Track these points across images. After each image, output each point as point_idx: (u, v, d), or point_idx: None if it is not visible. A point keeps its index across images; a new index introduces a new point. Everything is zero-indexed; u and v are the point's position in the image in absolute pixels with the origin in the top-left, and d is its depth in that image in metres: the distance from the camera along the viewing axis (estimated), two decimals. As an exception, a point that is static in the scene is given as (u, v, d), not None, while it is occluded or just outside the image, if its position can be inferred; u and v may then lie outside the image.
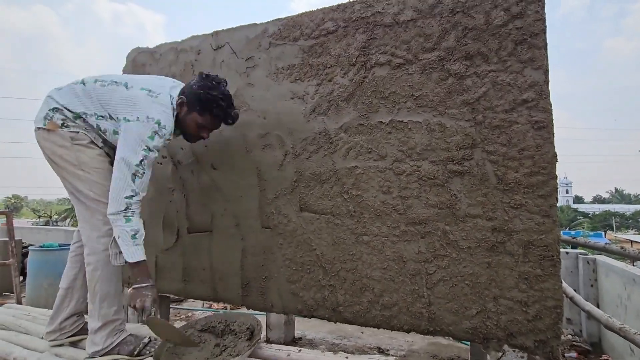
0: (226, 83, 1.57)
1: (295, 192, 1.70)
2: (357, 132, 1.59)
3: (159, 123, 1.41)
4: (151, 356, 1.47)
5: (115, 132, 1.46)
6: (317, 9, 1.74)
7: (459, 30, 1.44)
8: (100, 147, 1.52)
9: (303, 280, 1.66)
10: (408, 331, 1.48)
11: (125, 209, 1.35)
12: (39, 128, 1.47)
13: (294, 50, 1.75)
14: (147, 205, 2.08)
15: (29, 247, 5.80)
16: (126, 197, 1.35)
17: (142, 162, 1.37)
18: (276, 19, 1.81)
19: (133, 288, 1.37)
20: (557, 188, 1.28)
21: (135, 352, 1.48)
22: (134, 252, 1.35)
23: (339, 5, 1.69)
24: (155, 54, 2.16)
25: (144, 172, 1.38)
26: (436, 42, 1.48)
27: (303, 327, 4.21)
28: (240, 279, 1.80)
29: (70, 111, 1.46)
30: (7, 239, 3.49)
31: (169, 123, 1.45)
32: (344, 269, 1.59)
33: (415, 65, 1.51)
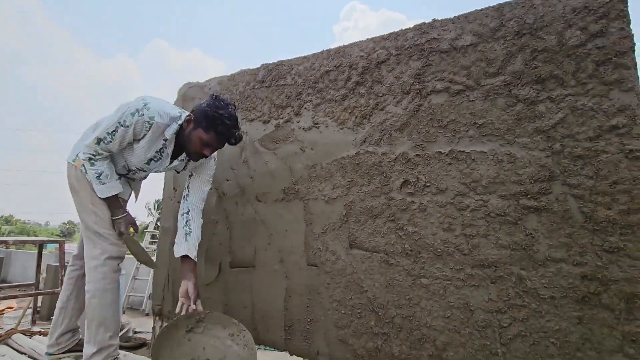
0: (235, 107, 1.62)
1: (345, 228, 1.58)
2: (413, 163, 1.47)
3: (146, 103, 1.49)
4: None
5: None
6: (367, 39, 1.70)
7: (527, 53, 1.32)
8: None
9: (353, 326, 1.50)
10: (479, 395, 1.26)
11: (89, 158, 1.50)
12: (71, 164, 1.64)
13: (343, 80, 1.70)
14: (190, 237, 2.05)
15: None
16: (90, 153, 1.51)
17: (113, 133, 1.48)
18: (326, 50, 1.79)
19: (111, 219, 1.58)
20: (667, 229, 1.07)
21: None
22: (102, 190, 1.55)
23: (390, 33, 1.64)
24: (205, 88, 2.21)
25: (110, 141, 1.49)
26: (501, 67, 1.36)
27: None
28: (284, 321, 1.67)
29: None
30: (58, 264, 3.63)
31: (156, 108, 1.50)
32: (400, 315, 1.42)
33: (478, 92, 1.39)
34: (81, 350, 1.57)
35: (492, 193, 1.32)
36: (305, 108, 1.79)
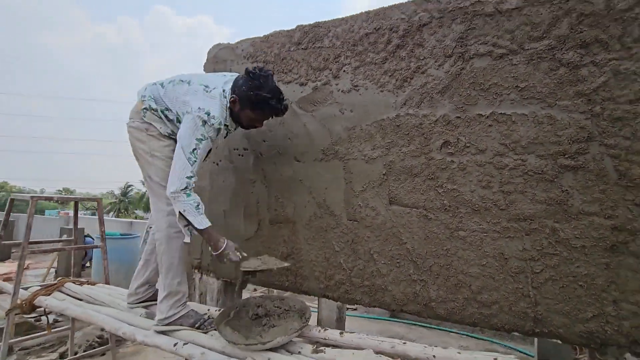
0: (272, 76, 1.66)
1: (384, 186, 1.68)
2: (454, 125, 1.55)
3: (208, 113, 1.54)
4: (213, 329, 1.59)
5: (179, 121, 1.63)
6: (408, 1, 1.72)
7: (573, 17, 1.36)
8: (168, 138, 1.69)
9: (392, 274, 1.64)
10: (509, 331, 1.42)
11: (186, 188, 1.49)
12: (128, 125, 1.70)
13: (383, 43, 1.73)
14: (229, 194, 2.15)
15: (93, 237, 6.19)
16: (187, 177, 1.50)
17: (195, 151, 1.53)
18: (365, 12, 1.81)
19: (214, 255, 1.53)
20: (695, 185, 1.18)
21: (196, 325, 1.61)
22: (201, 221, 1.51)
23: (433, -5, 1.65)
24: (237, 50, 2.22)
25: (195, 160, 1.53)
26: (545, 31, 1.41)
27: (353, 326, 4.18)
28: (325, 270, 1.81)
29: (154, 102, 1.66)
30: (71, 227, 3.74)
31: (218, 113, 1.57)
32: (437, 264, 1.55)
33: (521, 56, 1.45)
34: (156, 300, 1.68)
35: (530, 153, 1.41)
36: (344, 71, 1.83)
